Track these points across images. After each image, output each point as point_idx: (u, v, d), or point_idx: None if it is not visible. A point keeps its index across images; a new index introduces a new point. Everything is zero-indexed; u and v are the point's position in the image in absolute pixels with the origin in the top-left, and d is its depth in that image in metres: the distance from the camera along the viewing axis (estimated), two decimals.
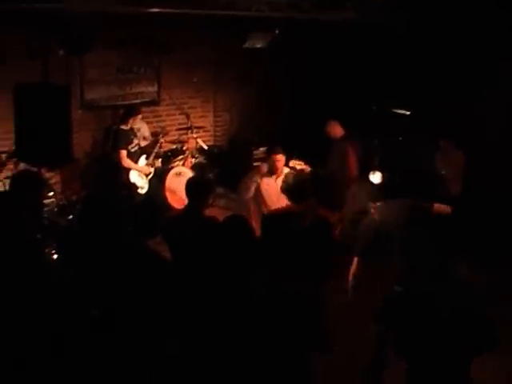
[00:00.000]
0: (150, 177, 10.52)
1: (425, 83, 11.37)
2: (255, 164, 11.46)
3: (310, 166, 8.86)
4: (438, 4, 10.34)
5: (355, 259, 6.59)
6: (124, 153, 9.97)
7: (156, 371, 4.76)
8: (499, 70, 10.36)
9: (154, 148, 10.83)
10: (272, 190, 7.88)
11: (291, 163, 8.76)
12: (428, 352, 4.47)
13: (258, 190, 8.03)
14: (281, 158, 8.11)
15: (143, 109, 11.22)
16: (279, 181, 7.31)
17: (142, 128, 11.03)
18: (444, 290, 4.45)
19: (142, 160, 10.46)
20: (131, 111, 10.24)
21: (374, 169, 10.37)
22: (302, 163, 8.76)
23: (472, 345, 4.44)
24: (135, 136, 10.35)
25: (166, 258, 5.67)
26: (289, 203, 6.47)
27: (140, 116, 10.37)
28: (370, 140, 10.83)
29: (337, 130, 9.81)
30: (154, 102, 11.98)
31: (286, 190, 6.41)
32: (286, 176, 6.65)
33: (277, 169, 8.05)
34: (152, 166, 10.63)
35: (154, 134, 11.23)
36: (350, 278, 6.53)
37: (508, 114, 10.35)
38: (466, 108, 10.60)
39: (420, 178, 8.77)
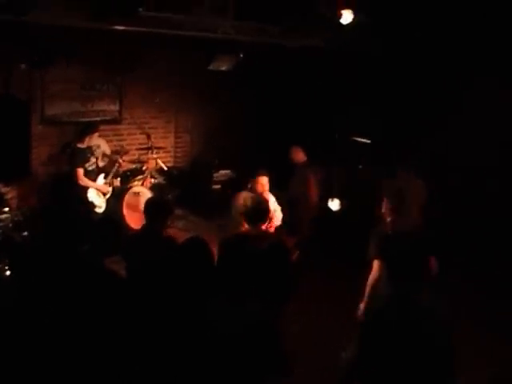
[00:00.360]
0: (107, 196, 10.43)
1: (387, 112, 11.47)
2: (215, 186, 11.47)
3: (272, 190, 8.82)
4: (402, 35, 10.46)
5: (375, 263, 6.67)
6: (81, 171, 9.88)
7: None
8: (463, 98, 10.47)
9: (112, 167, 10.72)
10: None
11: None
12: (390, 378, 4.47)
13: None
14: (266, 180, 8.13)
15: (104, 127, 11.15)
16: None
17: (101, 145, 10.93)
18: (404, 316, 4.45)
19: (101, 179, 10.38)
20: (87, 129, 10.17)
21: (333, 196, 10.48)
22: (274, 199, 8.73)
23: (432, 373, 4.44)
24: (92, 154, 10.26)
25: (122, 277, 5.60)
26: (247, 226, 6.45)
27: (97, 134, 10.29)
28: (331, 167, 10.90)
29: (299, 156, 9.89)
30: (116, 121, 11.91)
31: (245, 212, 6.38)
32: (245, 199, 6.63)
33: (262, 191, 8.09)
34: (110, 186, 10.54)
35: (114, 153, 11.11)
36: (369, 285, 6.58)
37: (471, 143, 10.44)
38: (428, 137, 10.68)
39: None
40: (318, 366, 6.80)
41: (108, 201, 10.42)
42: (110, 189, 10.50)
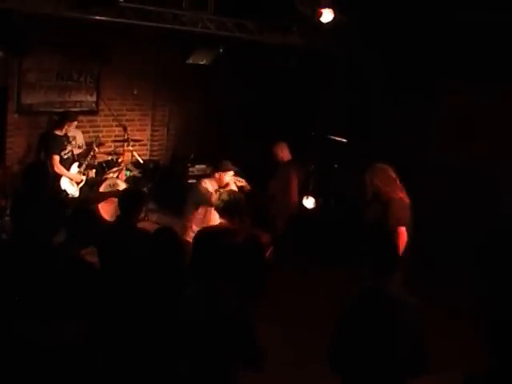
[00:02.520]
0: (81, 185, 10.38)
1: (364, 112, 11.55)
2: (190, 181, 11.45)
3: (250, 184, 8.85)
4: (381, 34, 10.53)
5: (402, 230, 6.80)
6: (56, 158, 9.86)
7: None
8: (441, 99, 10.57)
9: (86, 157, 10.68)
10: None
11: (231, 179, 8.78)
12: (362, 371, 4.52)
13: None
14: (231, 174, 8.08)
15: (81, 118, 11.09)
16: None
17: (77, 136, 10.92)
18: (377, 310, 4.52)
19: (74, 167, 10.34)
20: (67, 117, 10.16)
21: (308, 194, 10.50)
22: (243, 180, 8.73)
23: (403, 367, 4.49)
24: (69, 143, 10.23)
25: (96, 269, 5.60)
26: (222, 221, 6.47)
27: (75, 123, 10.25)
28: (307, 165, 10.93)
29: (284, 153, 9.85)
30: (92, 112, 11.85)
31: (220, 206, 6.41)
32: (221, 193, 6.63)
33: (226, 185, 7.99)
34: (84, 175, 10.48)
35: (89, 144, 11.07)
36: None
37: (446, 146, 10.53)
38: (403, 137, 10.75)
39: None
40: (287, 361, 6.84)
41: (81, 190, 10.38)
42: (84, 178, 10.46)
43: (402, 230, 6.94)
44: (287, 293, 8.81)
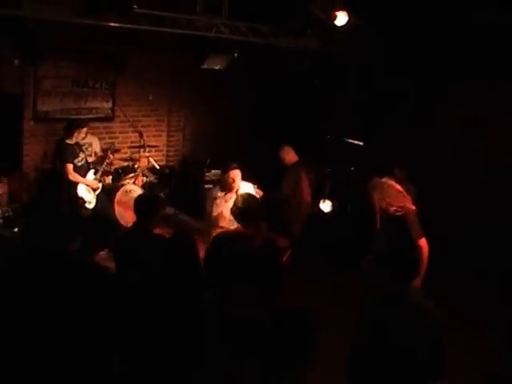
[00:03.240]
0: (97, 192, 10.36)
1: (379, 114, 11.47)
2: (207, 186, 11.41)
3: (263, 189, 8.78)
4: (396, 37, 10.48)
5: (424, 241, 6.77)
6: (70, 166, 9.84)
7: None
8: (459, 101, 10.50)
9: (102, 163, 10.67)
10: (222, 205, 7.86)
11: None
12: (380, 379, 4.47)
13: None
14: (237, 174, 8.02)
15: (97, 124, 11.15)
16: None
17: (93, 143, 10.96)
18: (397, 316, 4.48)
19: (90, 175, 10.32)
20: (74, 125, 10.10)
21: (325, 197, 10.42)
22: (255, 186, 8.70)
23: (423, 373, 4.44)
24: (81, 150, 10.21)
25: (112, 274, 5.59)
26: (238, 225, 6.41)
27: (85, 130, 10.16)
28: (323, 168, 10.87)
29: (290, 156, 9.79)
30: (108, 118, 11.89)
31: (236, 212, 6.34)
32: (237, 198, 6.58)
33: (233, 186, 7.94)
34: (100, 182, 10.47)
35: (105, 151, 11.06)
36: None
37: (465, 149, 10.46)
38: (420, 141, 10.68)
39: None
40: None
41: (98, 197, 10.37)
42: (100, 185, 10.44)
43: (424, 240, 6.90)
44: (303, 298, 8.72)
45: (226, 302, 4.41)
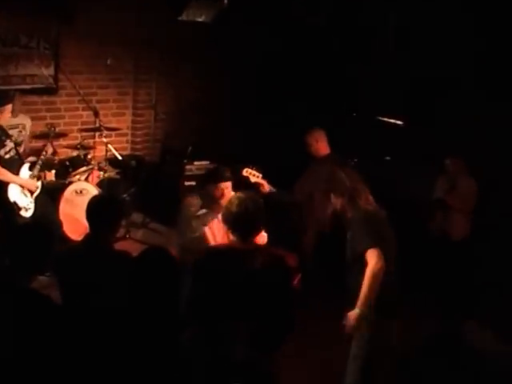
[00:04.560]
0: (36, 194, 10.17)
1: (426, 85, 11.41)
2: (187, 183, 11.36)
3: (269, 182, 8.85)
4: None
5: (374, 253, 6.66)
6: None
7: None
8: None
9: (40, 154, 10.40)
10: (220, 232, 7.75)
11: (244, 171, 8.82)
12: None
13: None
14: (229, 186, 7.94)
15: (33, 98, 11.08)
16: None
17: (26, 125, 10.83)
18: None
19: (25, 171, 10.07)
20: None
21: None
22: (259, 175, 8.69)
23: None
24: (8, 137, 9.92)
25: (56, 304, 5.53)
26: (232, 238, 6.32)
27: (9, 107, 9.71)
28: (347, 158, 10.78)
29: (321, 145, 9.78)
30: (49, 90, 11.84)
31: (229, 218, 6.25)
32: (231, 200, 6.47)
33: (220, 203, 7.79)
34: (39, 179, 10.28)
35: (44, 135, 10.95)
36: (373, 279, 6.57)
37: None
38: (476, 123, 10.62)
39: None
40: None
41: (37, 201, 10.20)
42: (39, 184, 10.25)
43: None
44: (318, 331, 8.71)
45: (214, 345, 4.33)
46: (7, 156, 9.62)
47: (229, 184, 7.95)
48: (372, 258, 6.61)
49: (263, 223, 6.32)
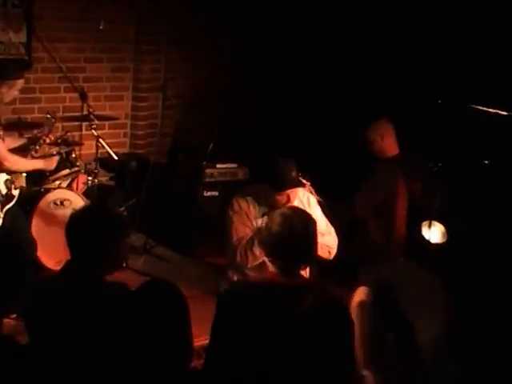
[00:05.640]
0: (9, 206, 10.15)
1: None
2: (208, 193, 11.31)
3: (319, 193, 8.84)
4: None
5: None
6: None
7: None
8: None
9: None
10: None
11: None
12: None
13: None
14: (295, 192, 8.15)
15: None
16: None
17: None
18: None
19: None
20: None
21: (432, 218, 10.22)
22: (307, 183, 8.68)
23: None
24: None
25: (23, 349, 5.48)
26: (272, 268, 6.23)
27: (21, 82, 9.92)
28: (429, 162, 10.68)
29: (387, 143, 9.97)
30: (21, 64, 11.61)
31: (269, 242, 6.17)
32: (272, 217, 6.37)
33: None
34: (13, 186, 10.26)
35: (14, 125, 10.99)
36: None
37: None
38: None
39: None
40: None
41: (8, 213, 10.18)
42: (16, 192, 10.24)
43: None
44: None
45: None
46: None
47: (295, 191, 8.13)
48: None
49: (315, 250, 6.30)
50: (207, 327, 5.84)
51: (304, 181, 8.70)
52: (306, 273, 7.90)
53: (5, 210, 10.05)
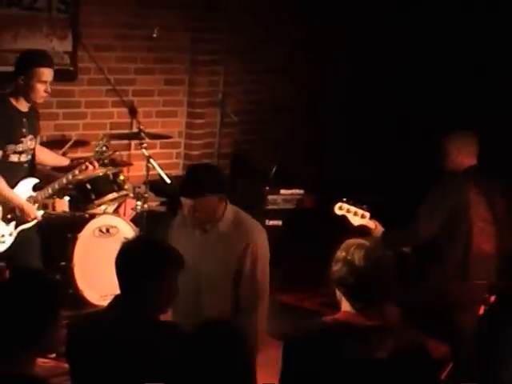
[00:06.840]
0: (25, 227, 10.02)
1: None
2: (271, 223, 11.20)
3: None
4: None
5: None
6: None
7: None
8: None
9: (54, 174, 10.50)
10: None
11: (337, 207, 8.95)
12: None
13: None
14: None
15: None
16: None
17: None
18: None
19: (25, 187, 9.92)
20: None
21: None
22: (367, 214, 8.72)
23: None
24: (31, 132, 9.74)
25: None
26: (346, 307, 6.12)
27: (50, 72, 9.68)
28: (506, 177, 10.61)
29: (464, 154, 9.71)
30: (64, 75, 11.65)
31: (348, 278, 6.03)
32: (348, 249, 6.27)
33: None
34: (41, 207, 10.14)
35: (56, 142, 10.99)
36: None
37: None
38: None
39: None
40: None
41: (20, 235, 10.04)
42: (39, 214, 10.14)
43: None
44: None
45: None
46: (15, 158, 9.62)
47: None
48: None
49: (392, 291, 6.22)
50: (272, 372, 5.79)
51: (364, 212, 8.67)
52: (394, 314, 7.87)
53: (19, 229, 10.00)
